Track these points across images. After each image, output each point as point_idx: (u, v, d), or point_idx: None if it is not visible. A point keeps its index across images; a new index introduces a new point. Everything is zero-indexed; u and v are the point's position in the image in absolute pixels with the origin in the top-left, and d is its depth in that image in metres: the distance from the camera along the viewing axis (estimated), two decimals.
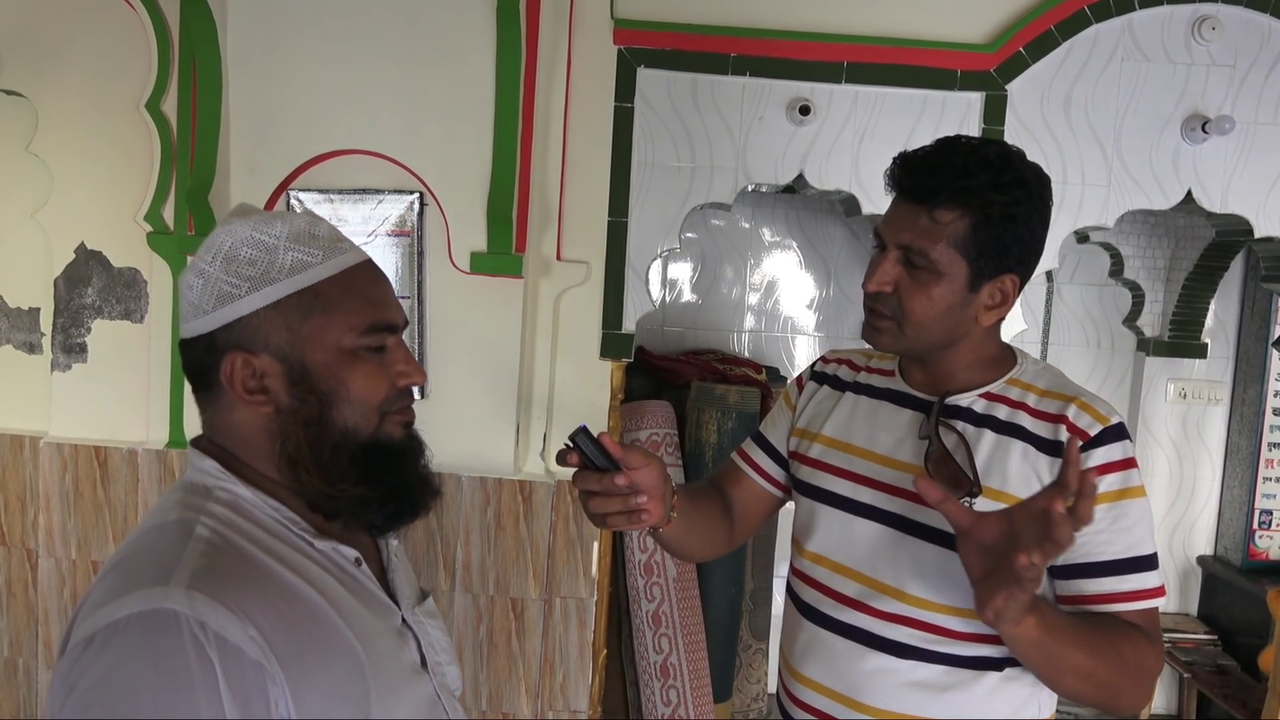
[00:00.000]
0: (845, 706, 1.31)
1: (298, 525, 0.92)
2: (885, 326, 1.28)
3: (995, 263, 1.23)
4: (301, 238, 0.92)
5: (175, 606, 0.77)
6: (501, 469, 2.27)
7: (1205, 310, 3.49)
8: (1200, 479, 3.60)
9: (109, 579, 0.83)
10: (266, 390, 0.90)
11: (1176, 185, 2.33)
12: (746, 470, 1.53)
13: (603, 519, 1.20)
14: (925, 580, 1.26)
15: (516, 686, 2.31)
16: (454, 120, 2.17)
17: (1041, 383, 1.30)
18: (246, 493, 0.91)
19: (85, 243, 2.29)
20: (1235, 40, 2.29)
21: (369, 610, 0.93)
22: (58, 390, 2.32)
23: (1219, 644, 3.48)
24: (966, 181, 1.19)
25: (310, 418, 0.91)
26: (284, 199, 2.20)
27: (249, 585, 0.82)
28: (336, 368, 0.91)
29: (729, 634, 2.99)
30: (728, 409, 2.92)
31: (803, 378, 1.53)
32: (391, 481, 0.95)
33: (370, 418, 0.93)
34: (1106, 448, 1.21)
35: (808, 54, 2.29)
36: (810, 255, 3.61)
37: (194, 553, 0.83)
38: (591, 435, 1.14)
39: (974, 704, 1.27)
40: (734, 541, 1.55)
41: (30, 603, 2.37)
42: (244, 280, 0.89)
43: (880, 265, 1.26)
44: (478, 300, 2.22)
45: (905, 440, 1.32)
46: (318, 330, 0.91)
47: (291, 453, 0.91)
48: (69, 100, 2.25)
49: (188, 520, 0.87)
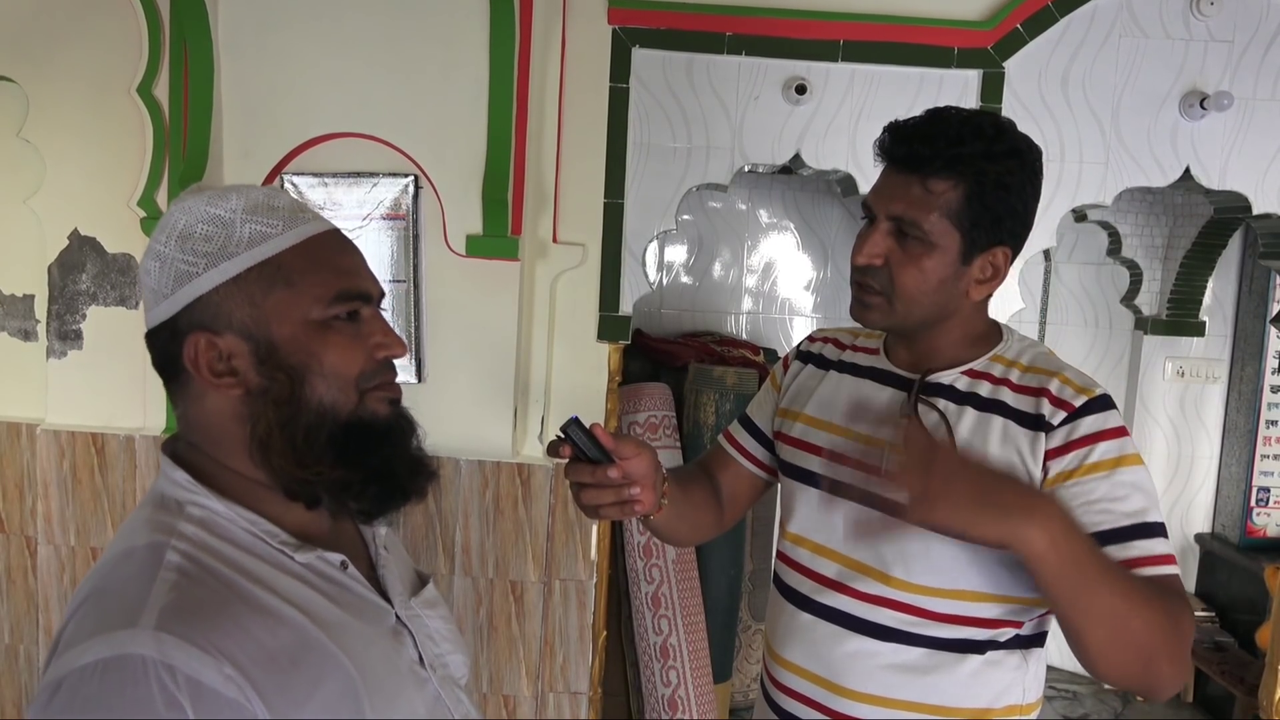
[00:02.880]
0: (825, 690, 1.29)
1: (276, 538, 0.86)
2: (875, 302, 1.24)
3: (988, 234, 1.20)
4: (259, 209, 0.87)
5: (141, 651, 0.73)
6: (500, 452, 2.27)
7: (1203, 288, 3.49)
8: (1198, 457, 3.61)
9: (81, 613, 0.79)
10: (235, 371, 0.85)
11: (1174, 162, 2.32)
12: (732, 454, 1.51)
13: (595, 510, 1.19)
14: (906, 561, 1.24)
15: (517, 668, 2.31)
16: (448, 102, 2.16)
17: (1025, 359, 1.27)
18: (220, 506, 0.85)
19: (79, 229, 2.27)
20: (1234, 15, 2.28)
21: (359, 619, 0.88)
22: (54, 377, 2.31)
23: (1217, 621, 3.50)
24: (960, 149, 1.16)
25: (281, 396, 0.85)
26: (278, 183, 2.19)
27: (224, 616, 0.78)
28: (306, 341, 0.86)
29: (728, 615, 3.01)
30: (725, 391, 2.92)
31: (789, 358, 1.51)
32: (374, 463, 0.89)
33: (349, 393, 0.88)
34: (1094, 416, 1.18)
35: (804, 32, 2.27)
36: (807, 236, 3.60)
37: (163, 586, 0.77)
38: (583, 426, 1.13)
39: (955, 687, 1.25)
40: (723, 525, 1.53)
41: (30, 590, 2.37)
42: (200, 257, 0.84)
43: (870, 237, 1.23)
44: (474, 283, 2.21)
45: (886, 420, 1.28)
46: (283, 303, 0.86)
47: (262, 435, 0.86)
48: (60, 85, 2.23)
49: (157, 545, 0.81)
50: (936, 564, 1.22)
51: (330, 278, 0.88)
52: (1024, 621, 1.27)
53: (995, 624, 1.25)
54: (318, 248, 0.89)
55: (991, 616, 1.25)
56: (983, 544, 1.07)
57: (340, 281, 0.89)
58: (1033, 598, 1.26)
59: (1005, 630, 1.26)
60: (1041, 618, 1.30)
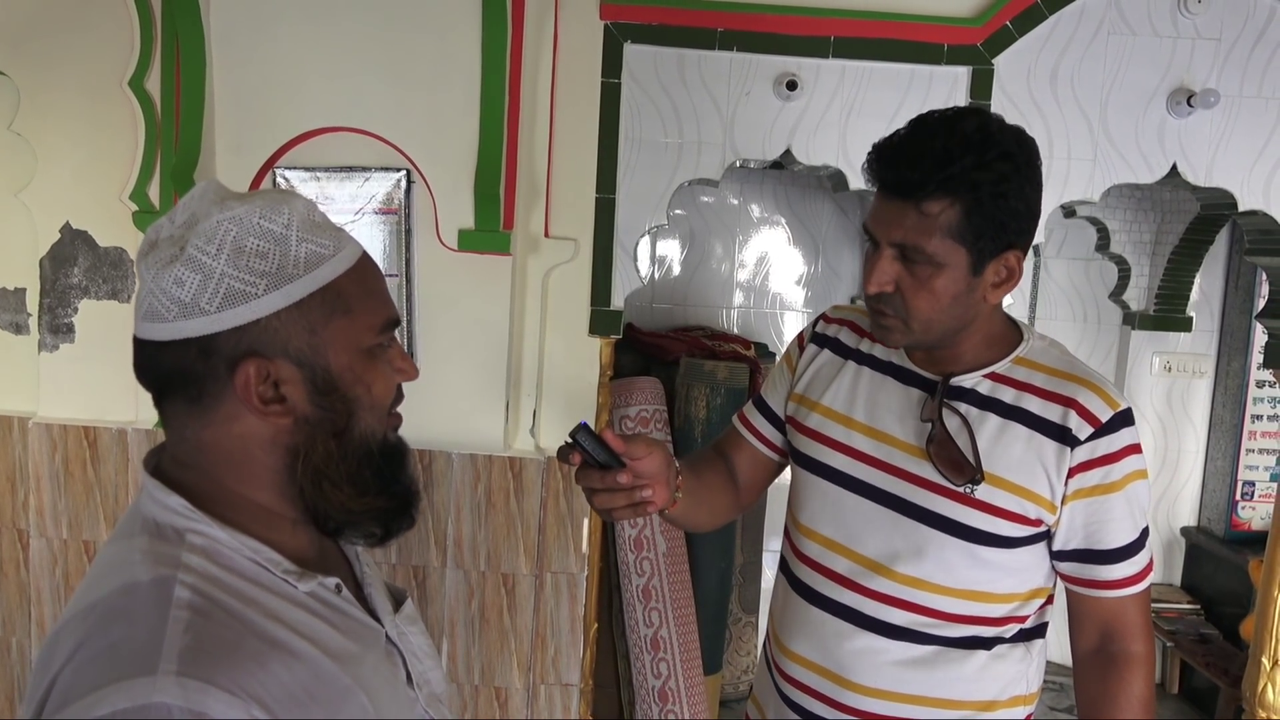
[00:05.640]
0: (833, 683, 1.30)
1: (280, 567, 0.82)
2: (893, 325, 1.23)
3: (995, 242, 1.18)
4: (309, 226, 0.83)
5: (166, 699, 0.67)
6: (492, 446, 2.28)
7: (1190, 284, 3.52)
8: (1185, 451, 3.64)
9: (81, 658, 0.72)
10: (283, 399, 0.81)
11: (1162, 159, 2.34)
12: (747, 436, 1.50)
13: (609, 513, 1.19)
14: (919, 562, 1.25)
15: (509, 661, 2.33)
16: (440, 97, 2.16)
17: (1049, 361, 1.26)
18: (221, 534, 0.80)
19: (70, 222, 2.27)
20: (1221, 13, 2.29)
21: (358, 643, 0.85)
22: (46, 371, 2.31)
23: (1202, 614, 3.54)
24: (949, 169, 1.13)
25: (338, 428, 0.83)
26: (270, 177, 2.19)
27: (244, 655, 0.73)
28: (361, 370, 0.84)
29: (719, 608, 3.02)
30: (717, 385, 2.94)
31: (804, 336, 1.47)
32: (402, 489, 0.89)
33: (383, 421, 0.87)
34: (1118, 434, 1.21)
35: (795, 28, 2.28)
36: (799, 231, 3.62)
37: (178, 625, 0.72)
38: (593, 431, 1.13)
39: (963, 682, 1.27)
40: (741, 508, 1.53)
41: (23, 582, 2.37)
42: (259, 276, 0.79)
43: (877, 265, 1.20)
44: (466, 278, 2.22)
45: (907, 420, 1.28)
46: (341, 331, 0.82)
47: (319, 465, 0.82)
48: (52, 78, 2.22)
49: (164, 580, 0.75)
50: (949, 566, 1.23)
51: (378, 305, 0.86)
52: (1028, 615, 1.30)
53: (1003, 621, 1.27)
54: (364, 272, 0.86)
55: (999, 615, 1.27)
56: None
57: (386, 309, 0.87)
58: (1043, 588, 1.29)
59: (1011, 626, 1.29)
60: (1042, 609, 1.33)
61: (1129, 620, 1.26)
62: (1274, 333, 2.59)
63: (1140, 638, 1.27)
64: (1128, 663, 1.26)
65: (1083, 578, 1.26)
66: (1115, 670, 1.25)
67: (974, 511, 1.22)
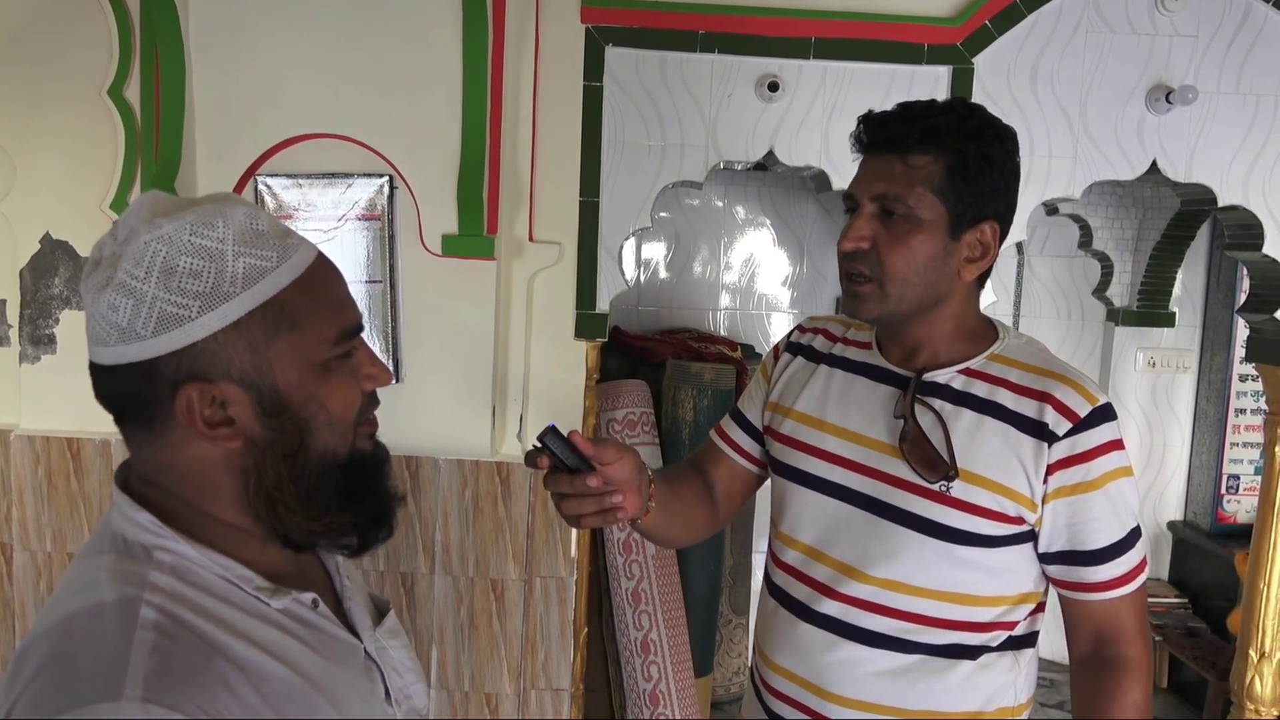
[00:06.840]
0: (813, 694, 1.28)
1: (251, 584, 0.80)
2: (866, 291, 1.22)
3: (974, 207, 1.19)
4: (249, 237, 0.78)
5: None
6: (478, 451, 2.27)
7: (1173, 279, 3.54)
8: (1170, 446, 3.66)
9: (42, 681, 0.69)
10: (231, 421, 0.78)
11: (1142, 156, 2.36)
12: (725, 449, 1.47)
13: (577, 520, 1.15)
14: (897, 564, 1.23)
15: (499, 666, 2.32)
16: (422, 102, 2.16)
17: (1025, 358, 1.25)
18: (191, 551, 0.78)
19: (50, 233, 2.25)
20: (1198, 10, 2.31)
21: (334, 662, 0.83)
22: (27, 382, 2.29)
23: (1189, 607, 3.55)
24: (936, 122, 1.17)
25: (290, 449, 0.79)
26: (252, 184, 2.18)
27: (211, 677, 0.71)
28: (313, 387, 0.80)
29: (709, 610, 3.02)
30: (703, 387, 2.94)
31: (779, 348, 1.47)
32: (373, 503, 0.86)
33: (346, 435, 0.83)
34: (1098, 429, 1.18)
35: (776, 30, 2.29)
36: (783, 232, 3.62)
37: (143, 648, 0.69)
38: (561, 435, 1.09)
39: (946, 693, 1.24)
40: (718, 523, 1.49)
41: (6, 596, 2.35)
42: (191, 298, 0.75)
43: (854, 223, 1.21)
44: (450, 283, 2.21)
45: (879, 418, 1.26)
46: (288, 348, 0.78)
47: (270, 490, 0.80)
48: (29, 87, 2.21)
49: (129, 600, 0.73)
50: (928, 567, 1.22)
51: (331, 314, 0.82)
52: (1017, 622, 1.27)
53: (989, 627, 1.25)
54: (314, 281, 0.82)
55: (985, 620, 1.24)
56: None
57: (341, 318, 0.83)
58: (1032, 593, 1.27)
59: (999, 633, 1.26)
60: (1033, 616, 1.30)
61: (1122, 624, 1.23)
62: (1256, 327, 2.61)
63: (1135, 642, 1.23)
64: (1122, 668, 1.23)
65: (1070, 580, 1.24)
66: (1109, 676, 1.23)
67: (950, 510, 1.20)
